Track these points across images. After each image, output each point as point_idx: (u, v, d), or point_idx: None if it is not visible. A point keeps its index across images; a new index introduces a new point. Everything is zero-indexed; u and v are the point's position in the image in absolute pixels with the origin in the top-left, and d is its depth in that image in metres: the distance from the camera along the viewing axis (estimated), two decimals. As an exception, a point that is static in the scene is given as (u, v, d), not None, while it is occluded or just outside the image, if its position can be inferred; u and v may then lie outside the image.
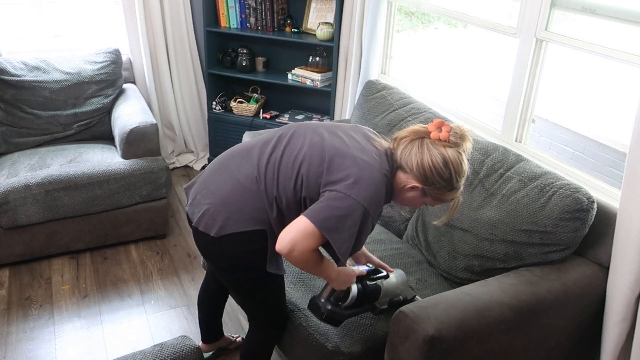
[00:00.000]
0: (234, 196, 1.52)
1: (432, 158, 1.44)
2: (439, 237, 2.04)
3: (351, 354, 1.66)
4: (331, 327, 1.70)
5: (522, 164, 1.92)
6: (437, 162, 1.43)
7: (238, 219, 1.50)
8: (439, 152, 1.44)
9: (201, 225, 1.54)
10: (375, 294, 1.64)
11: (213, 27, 3.49)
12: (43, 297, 2.55)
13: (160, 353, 1.39)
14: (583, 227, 1.72)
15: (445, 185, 1.46)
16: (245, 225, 1.50)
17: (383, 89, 2.61)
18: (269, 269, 1.56)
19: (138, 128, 2.83)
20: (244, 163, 1.56)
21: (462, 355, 1.53)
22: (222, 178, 1.57)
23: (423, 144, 1.46)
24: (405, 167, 1.47)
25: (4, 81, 2.89)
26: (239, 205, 1.51)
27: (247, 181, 1.52)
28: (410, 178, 1.47)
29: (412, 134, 1.49)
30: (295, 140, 1.55)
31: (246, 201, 1.51)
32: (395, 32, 3.04)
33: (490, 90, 4.93)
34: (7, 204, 2.55)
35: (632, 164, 1.58)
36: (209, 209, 1.53)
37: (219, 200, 1.53)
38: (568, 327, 1.75)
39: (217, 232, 1.51)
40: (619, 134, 3.91)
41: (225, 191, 1.53)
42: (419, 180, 1.46)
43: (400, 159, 1.48)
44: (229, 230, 1.50)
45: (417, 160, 1.45)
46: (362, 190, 1.40)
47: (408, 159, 1.46)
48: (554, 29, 2.05)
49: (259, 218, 1.51)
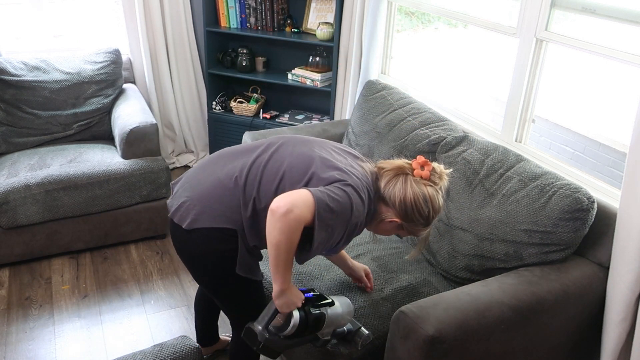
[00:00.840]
0: (211, 192, 1.53)
1: (414, 196, 1.48)
2: (438, 236, 2.04)
3: (350, 355, 1.66)
4: None
5: (522, 164, 1.92)
6: (418, 199, 1.48)
7: (210, 215, 1.51)
8: (420, 191, 1.48)
9: (176, 217, 1.55)
10: (319, 322, 1.51)
11: (213, 27, 3.49)
12: (43, 297, 2.55)
13: (160, 353, 1.39)
14: (583, 227, 1.72)
15: (422, 222, 1.51)
16: (216, 221, 1.50)
17: (383, 89, 2.61)
18: (238, 271, 1.54)
19: (138, 128, 2.83)
20: (229, 164, 1.58)
21: (462, 355, 1.53)
22: (204, 175, 1.59)
23: (407, 181, 1.49)
24: (388, 200, 1.51)
25: (4, 81, 2.89)
26: (214, 202, 1.52)
27: (227, 179, 1.54)
28: (390, 211, 1.51)
29: (396, 169, 1.53)
30: (284, 149, 1.57)
31: (222, 198, 1.52)
32: (395, 32, 3.04)
33: (490, 90, 4.93)
34: (7, 204, 2.55)
35: (632, 164, 1.58)
36: (185, 201, 1.55)
37: (196, 195, 1.55)
38: (568, 327, 1.75)
39: (188, 224, 1.52)
40: (619, 134, 3.90)
41: (204, 187, 1.55)
42: (399, 216, 1.50)
43: (384, 191, 1.51)
44: (199, 224, 1.51)
45: (401, 196, 1.48)
46: (353, 193, 1.43)
47: (392, 193, 1.50)
48: (554, 29, 2.05)
49: (232, 217, 1.51)
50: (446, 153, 2.13)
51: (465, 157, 2.05)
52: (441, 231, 2.03)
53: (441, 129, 2.26)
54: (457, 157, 2.07)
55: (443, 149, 2.15)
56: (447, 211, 2.01)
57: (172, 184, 1.70)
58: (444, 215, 2.03)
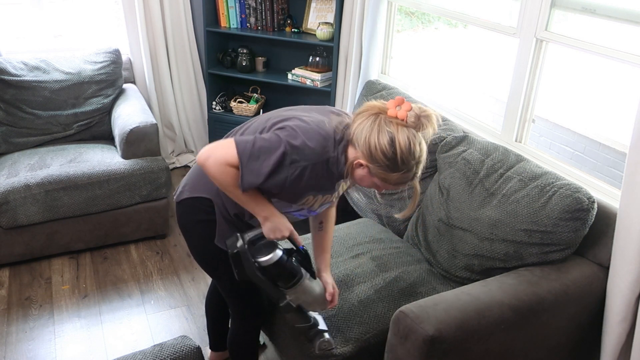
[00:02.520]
0: (195, 170, 1.68)
1: (379, 135, 1.36)
2: (438, 236, 2.04)
3: (343, 354, 1.66)
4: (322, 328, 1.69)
5: (522, 163, 1.92)
6: (382, 140, 1.36)
7: (191, 186, 1.65)
8: (388, 130, 1.36)
9: (175, 195, 1.71)
10: (292, 277, 1.50)
11: (213, 27, 3.49)
12: (43, 297, 2.55)
13: (160, 353, 1.39)
14: (583, 227, 1.72)
15: (388, 165, 1.38)
16: (195, 191, 1.63)
17: (383, 89, 2.61)
18: (217, 242, 1.63)
19: (138, 128, 2.83)
20: None
21: (462, 355, 1.53)
22: None
23: (376, 120, 1.39)
24: (355, 142, 1.42)
25: (4, 81, 2.89)
26: (195, 175, 1.67)
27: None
28: (358, 154, 1.42)
29: (370, 109, 1.42)
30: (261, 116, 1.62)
31: (200, 173, 1.64)
32: (395, 32, 3.04)
33: (490, 90, 4.93)
34: (7, 204, 2.55)
35: (632, 164, 1.58)
36: (183, 181, 1.72)
37: (188, 174, 1.72)
38: (568, 327, 1.75)
39: (177, 197, 1.68)
40: (619, 134, 3.90)
41: (194, 167, 1.70)
42: (364, 157, 1.40)
43: (353, 133, 1.42)
44: (184, 195, 1.65)
45: (366, 135, 1.38)
46: (293, 135, 1.40)
47: (359, 134, 1.40)
48: (554, 29, 2.05)
49: (207, 187, 1.61)
50: (446, 153, 2.13)
51: (465, 157, 2.05)
52: (441, 231, 2.03)
53: (441, 129, 2.26)
54: (457, 157, 2.07)
55: (443, 149, 2.15)
56: (447, 211, 2.02)
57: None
58: (444, 215, 2.03)
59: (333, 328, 1.72)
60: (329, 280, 1.70)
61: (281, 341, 1.85)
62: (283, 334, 1.82)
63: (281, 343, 1.85)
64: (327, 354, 1.64)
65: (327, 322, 1.70)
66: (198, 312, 2.49)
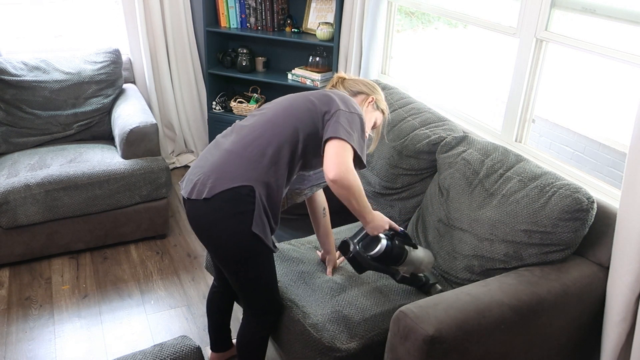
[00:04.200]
0: (222, 161, 1.66)
1: (361, 79, 1.97)
2: (438, 237, 2.04)
3: (348, 350, 1.66)
4: (335, 323, 1.70)
5: (522, 164, 1.92)
6: (369, 81, 1.99)
7: (226, 178, 1.62)
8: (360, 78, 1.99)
9: (193, 194, 1.64)
10: (400, 257, 1.76)
11: (213, 27, 3.49)
12: (43, 297, 2.55)
13: (160, 353, 1.39)
14: (583, 227, 1.72)
15: (380, 93, 1.97)
16: (233, 182, 1.61)
17: (383, 89, 2.61)
18: (254, 228, 1.61)
19: (138, 128, 2.83)
20: (228, 138, 1.73)
21: (462, 355, 1.53)
22: (209, 154, 1.72)
23: (347, 80, 1.96)
24: (355, 91, 1.92)
25: (4, 81, 2.89)
26: (227, 167, 1.64)
27: (233, 146, 1.68)
28: (363, 95, 1.92)
29: (333, 80, 1.97)
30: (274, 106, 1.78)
31: (234, 162, 1.64)
32: (395, 32, 3.04)
33: (490, 90, 4.93)
34: (7, 204, 2.55)
35: (632, 164, 1.58)
36: (199, 179, 1.65)
37: (208, 169, 1.66)
38: (568, 327, 1.75)
39: (208, 193, 1.61)
40: (619, 134, 3.91)
41: (213, 161, 1.67)
42: (369, 92, 1.93)
43: (346, 89, 1.92)
44: (217, 189, 1.60)
45: (361, 81, 1.96)
46: (351, 106, 1.73)
47: (351, 86, 1.93)
48: (554, 29, 2.05)
49: (246, 175, 1.62)
50: (446, 153, 2.13)
51: (465, 157, 2.05)
52: (441, 231, 2.03)
53: (441, 129, 2.26)
54: (457, 157, 2.07)
55: (443, 149, 2.15)
56: (447, 211, 2.02)
57: (180, 183, 1.79)
58: (443, 216, 2.03)
59: (340, 323, 1.73)
60: (335, 257, 2.00)
61: (284, 338, 1.85)
62: (286, 330, 1.82)
63: (284, 340, 1.85)
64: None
65: (334, 318, 1.76)
66: (198, 312, 2.49)
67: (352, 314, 1.76)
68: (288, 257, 2.03)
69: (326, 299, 1.82)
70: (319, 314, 1.75)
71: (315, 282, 1.90)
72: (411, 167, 2.25)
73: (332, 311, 1.76)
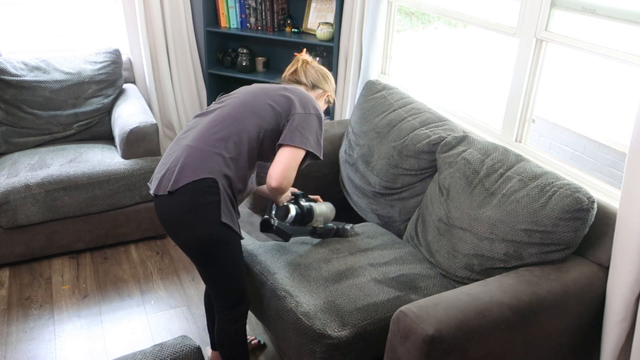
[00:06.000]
0: (184, 155, 1.70)
1: (322, 69, 2.07)
2: (438, 236, 2.04)
3: (339, 337, 1.67)
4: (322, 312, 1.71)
5: (522, 163, 1.92)
6: (324, 70, 2.07)
7: (189, 171, 1.67)
8: (318, 66, 2.07)
9: (160, 190, 1.70)
10: (310, 214, 1.99)
11: (213, 27, 3.49)
12: (43, 297, 2.55)
13: (160, 353, 1.39)
14: (583, 227, 1.72)
15: (334, 83, 2.10)
16: (196, 174, 1.65)
17: (383, 89, 2.61)
18: (223, 218, 1.66)
19: (138, 128, 2.83)
20: (188, 135, 1.78)
21: (462, 355, 1.53)
22: (172, 151, 1.77)
23: (312, 66, 2.04)
24: (314, 84, 2.02)
25: (4, 81, 2.89)
26: (189, 160, 1.68)
27: (194, 141, 1.73)
28: (320, 90, 2.04)
29: (294, 65, 2.04)
30: (225, 102, 1.85)
31: (196, 155, 1.69)
32: (395, 32, 3.04)
33: (490, 89, 4.93)
34: (7, 204, 2.56)
35: (632, 164, 1.58)
36: (164, 174, 1.71)
37: (171, 165, 1.71)
38: (568, 327, 1.75)
39: (171, 186, 1.66)
40: (619, 134, 3.91)
41: (176, 156, 1.72)
42: (324, 88, 2.05)
43: (307, 79, 2.02)
44: (181, 182, 1.65)
45: (320, 73, 2.04)
46: (310, 107, 1.82)
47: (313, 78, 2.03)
48: (554, 29, 2.05)
49: (209, 167, 1.67)
50: (446, 153, 2.13)
51: (465, 157, 2.05)
52: (441, 231, 2.03)
53: (441, 129, 2.26)
54: (457, 157, 2.07)
55: (443, 149, 2.15)
56: (447, 210, 2.02)
57: (149, 183, 1.83)
58: (444, 215, 2.03)
59: (332, 312, 1.74)
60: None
61: (279, 327, 1.86)
62: (280, 320, 1.83)
63: (278, 329, 1.86)
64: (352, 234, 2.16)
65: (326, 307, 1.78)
66: (198, 312, 2.49)
67: (344, 304, 1.77)
68: (285, 248, 2.05)
69: (320, 289, 1.83)
70: (311, 303, 1.77)
71: (311, 274, 1.91)
72: (411, 167, 2.25)
73: (324, 301, 1.78)
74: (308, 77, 2.03)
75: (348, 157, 2.55)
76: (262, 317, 2.00)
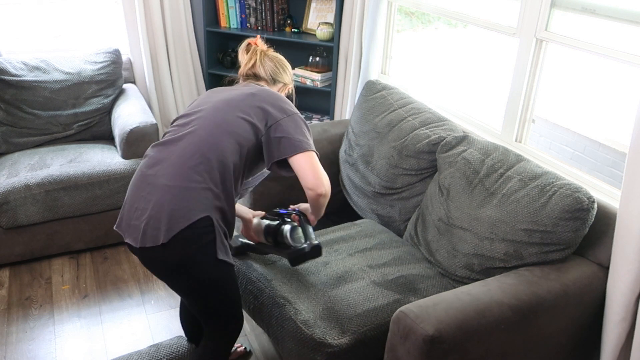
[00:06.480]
0: (167, 198, 1.52)
1: (279, 59, 1.92)
2: (438, 235, 2.04)
3: (339, 345, 1.67)
4: (322, 320, 1.71)
5: (522, 163, 1.92)
6: (281, 60, 1.93)
7: (179, 216, 1.50)
8: (274, 55, 1.91)
9: (148, 242, 1.51)
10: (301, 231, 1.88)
11: (213, 27, 3.50)
12: (43, 297, 2.55)
13: (157, 353, 1.39)
14: (583, 226, 1.72)
15: (290, 72, 1.95)
16: (189, 218, 1.50)
17: (383, 89, 2.61)
18: (220, 255, 1.56)
19: (138, 128, 2.83)
20: (156, 172, 1.58)
21: (462, 355, 1.53)
22: (145, 192, 1.57)
23: (267, 56, 1.89)
24: (275, 78, 1.89)
25: (4, 81, 2.89)
26: (175, 204, 1.51)
27: (172, 180, 1.54)
28: (280, 84, 1.91)
29: (249, 56, 1.88)
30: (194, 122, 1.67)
31: (180, 196, 1.52)
32: (395, 32, 3.04)
33: (490, 89, 4.93)
34: (7, 204, 2.56)
35: (632, 164, 1.58)
36: (147, 223, 1.51)
37: (154, 211, 1.52)
38: (568, 327, 1.75)
39: (164, 237, 1.49)
40: (619, 134, 3.91)
41: (156, 200, 1.53)
42: (285, 81, 1.92)
43: (266, 73, 1.87)
44: (175, 229, 1.49)
45: (275, 64, 1.89)
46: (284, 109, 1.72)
47: (274, 71, 1.89)
48: (554, 29, 2.05)
49: (205, 204, 1.53)
50: (446, 153, 2.13)
51: (465, 156, 2.05)
52: (441, 230, 2.03)
53: (441, 129, 2.26)
54: (457, 157, 2.07)
55: (443, 148, 2.15)
56: (447, 210, 2.02)
57: (115, 228, 1.66)
58: (444, 215, 2.03)
59: (332, 319, 1.73)
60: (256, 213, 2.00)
61: (278, 335, 1.85)
62: (280, 328, 1.82)
63: (278, 337, 1.86)
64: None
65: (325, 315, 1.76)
66: (198, 312, 2.49)
67: (343, 310, 1.76)
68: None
69: (319, 295, 1.83)
70: (310, 310, 1.77)
71: (310, 279, 1.91)
72: (411, 167, 2.25)
73: (324, 307, 1.77)
74: (267, 71, 1.87)
75: (348, 157, 2.55)
76: (262, 324, 1.99)
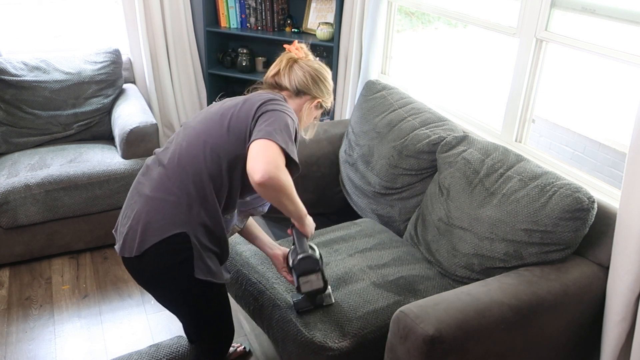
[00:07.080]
0: (145, 209, 1.49)
1: (314, 71, 1.68)
2: (438, 235, 2.04)
3: (340, 348, 1.67)
4: (318, 320, 1.71)
5: (522, 163, 1.92)
6: (319, 72, 1.69)
7: (153, 229, 1.46)
8: (311, 66, 1.68)
9: (125, 251, 1.50)
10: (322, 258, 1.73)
11: (213, 27, 3.50)
12: (43, 297, 2.55)
13: (157, 353, 1.39)
14: (583, 226, 1.72)
15: (329, 88, 1.71)
16: (164, 232, 1.45)
17: (383, 89, 2.61)
18: (197, 274, 1.48)
19: (138, 128, 2.83)
20: (145, 181, 1.56)
21: (462, 355, 1.53)
22: (132, 202, 1.55)
23: (298, 65, 1.67)
24: (299, 89, 1.66)
25: (4, 81, 2.89)
26: (152, 215, 1.47)
27: (154, 192, 1.51)
28: (307, 97, 1.67)
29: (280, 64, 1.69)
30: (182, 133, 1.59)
31: (158, 208, 1.47)
32: (395, 32, 3.04)
33: (490, 89, 4.93)
34: (7, 204, 2.56)
35: (632, 164, 1.58)
36: (127, 233, 1.50)
37: (133, 221, 1.49)
38: (568, 327, 1.75)
39: (137, 249, 1.45)
40: (619, 134, 3.91)
41: (137, 210, 1.51)
42: (315, 94, 1.67)
43: (290, 84, 1.66)
44: (148, 243, 1.45)
45: (306, 75, 1.66)
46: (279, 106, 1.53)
47: (297, 80, 1.66)
48: (554, 29, 2.05)
49: (182, 220, 1.46)
50: (446, 153, 2.13)
51: (465, 156, 2.05)
52: (441, 230, 2.03)
53: (441, 129, 2.26)
54: (457, 157, 2.07)
55: (443, 149, 2.15)
56: (447, 210, 2.02)
57: (113, 231, 1.65)
58: (444, 215, 2.03)
59: (332, 322, 1.73)
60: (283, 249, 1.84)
61: (280, 338, 1.85)
62: (281, 331, 1.82)
63: (279, 341, 1.85)
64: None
65: (325, 317, 1.76)
66: (198, 312, 2.49)
67: (343, 312, 1.76)
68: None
69: (320, 297, 1.82)
70: (310, 312, 1.76)
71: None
72: (411, 167, 2.25)
73: (323, 310, 1.77)
74: (292, 81, 1.66)
75: (348, 157, 2.55)
76: (262, 325, 1.99)
